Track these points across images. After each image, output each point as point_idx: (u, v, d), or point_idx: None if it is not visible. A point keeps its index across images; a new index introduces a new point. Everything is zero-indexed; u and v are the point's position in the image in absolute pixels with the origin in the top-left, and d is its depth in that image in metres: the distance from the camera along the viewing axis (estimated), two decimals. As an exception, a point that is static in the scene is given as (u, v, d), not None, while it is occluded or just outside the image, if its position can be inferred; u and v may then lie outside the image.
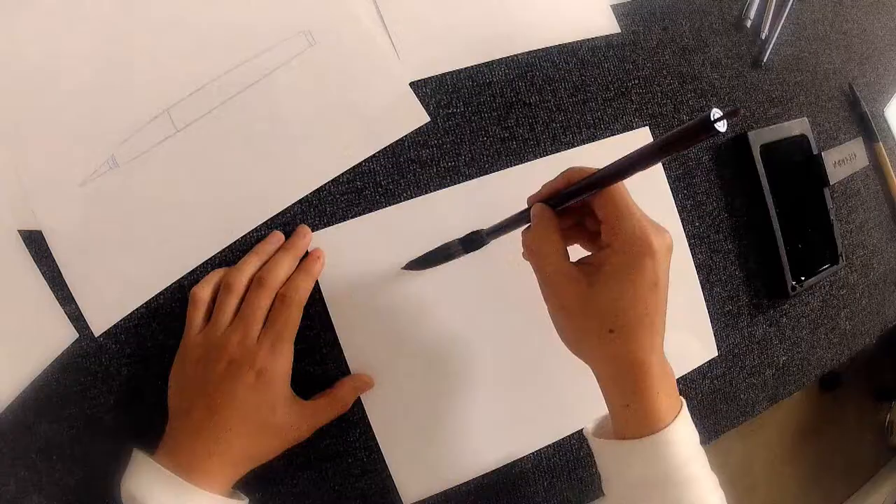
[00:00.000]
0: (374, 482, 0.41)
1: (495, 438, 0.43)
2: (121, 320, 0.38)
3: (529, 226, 0.35)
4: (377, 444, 0.41)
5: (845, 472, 1.05)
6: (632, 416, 0.32)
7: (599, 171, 0.31)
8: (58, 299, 0.37)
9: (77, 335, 0.38)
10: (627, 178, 0.30)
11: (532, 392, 0.44)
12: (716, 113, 0.23)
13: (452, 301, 0.42)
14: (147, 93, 0.39)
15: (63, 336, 0.38)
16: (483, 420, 0.43)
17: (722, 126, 0.23)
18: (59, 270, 0.37)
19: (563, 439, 0.45)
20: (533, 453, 0.44)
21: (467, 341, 0.42)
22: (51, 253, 0.37)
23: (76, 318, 0.38)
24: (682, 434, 0.33)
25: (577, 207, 0.33)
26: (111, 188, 0.38)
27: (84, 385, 0.38)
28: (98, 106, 0.39)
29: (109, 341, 0.38)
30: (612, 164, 0.30)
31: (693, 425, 0.34)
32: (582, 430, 0.37)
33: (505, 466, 0.43)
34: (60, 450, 0.37)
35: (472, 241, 0.40)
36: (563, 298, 0.32)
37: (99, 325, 0.38)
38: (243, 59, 0.40)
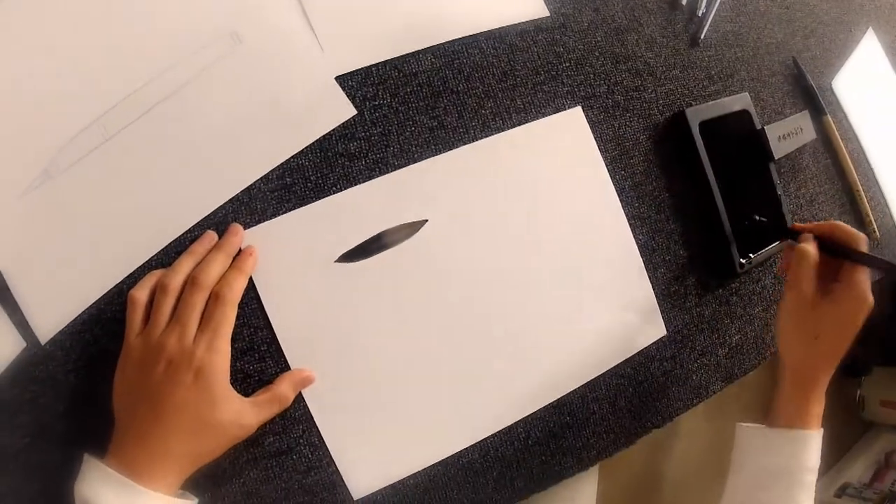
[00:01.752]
0: (322, 477, 0.41)
1: (440, 429, 0.43)
2: (65, 327, 0.38)
3: (792, 245, 0.47)
4: (322, 439, 0.41)
5: (819, 448, 1.03)
6: (795, 409, 0.44)
7: (876, 257, 0.44)
8: (4, 309, 0.38)
9: (25, 344, 0.38)
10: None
11: (475, 381, 0.43)
12: None
13: (389, 291, 0.42)
14: (76, 103, 0.39)
15: (11, 345, 0.38)
16: (427, 411, 0.42)
17: None
18: (3, 280, 0.38)
19: (510, 428, 0.44)
20: (480, 443, 0.44)
21: (406, 331, 0.42)
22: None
23: (23, 326, 0.38)
24: (818, 445, 0.43)
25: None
26: (48, 198, 0.39)
27: (34, 393, 0.38)
28: (30, 117, 0.39)
29: (56, 349, 0.38)
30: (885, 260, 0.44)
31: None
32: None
33: (452, 457, 0.43)
34: (16, 460, 0.38)
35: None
36: (803, 303, 0.44)
37: (44, 332, 0.38)
38: (171, 64, 0.41)
